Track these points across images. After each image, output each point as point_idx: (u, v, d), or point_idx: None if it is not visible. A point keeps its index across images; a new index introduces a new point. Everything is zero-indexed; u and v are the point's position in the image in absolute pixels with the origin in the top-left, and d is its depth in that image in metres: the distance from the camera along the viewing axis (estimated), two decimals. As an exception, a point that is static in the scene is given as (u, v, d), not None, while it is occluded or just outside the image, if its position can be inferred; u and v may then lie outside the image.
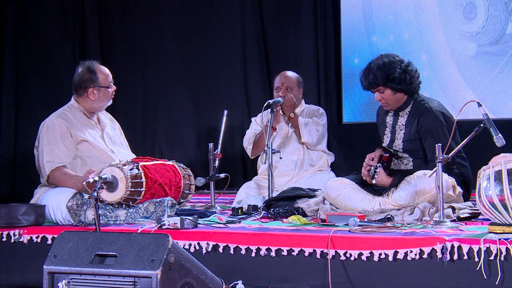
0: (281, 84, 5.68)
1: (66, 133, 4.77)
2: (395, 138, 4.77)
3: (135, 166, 4.50)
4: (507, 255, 3.35)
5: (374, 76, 4.64)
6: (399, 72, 4.62)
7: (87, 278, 3.35)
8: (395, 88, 4.64)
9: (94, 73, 4.88)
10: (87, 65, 4.91)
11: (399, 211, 4.33)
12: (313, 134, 5.61)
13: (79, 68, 4.93)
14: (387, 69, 4.62)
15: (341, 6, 7.15)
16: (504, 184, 3.54)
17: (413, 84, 4.66)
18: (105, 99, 4.94)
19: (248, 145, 5.76)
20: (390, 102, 4.70)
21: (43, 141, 4.75)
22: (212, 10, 7.50)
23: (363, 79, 4.72)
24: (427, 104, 4.66)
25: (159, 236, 3.32)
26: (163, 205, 4.53)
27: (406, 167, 4.74)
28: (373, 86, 4.67)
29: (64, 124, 4.79)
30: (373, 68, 4.65)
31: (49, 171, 4.69)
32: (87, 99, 4.90)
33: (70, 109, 4.92)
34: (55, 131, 4.76)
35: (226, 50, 7.48)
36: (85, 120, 4.92)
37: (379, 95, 4.69)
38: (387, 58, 4.67)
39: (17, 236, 4.42)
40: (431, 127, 4.59)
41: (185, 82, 7.51)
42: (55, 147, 4.73)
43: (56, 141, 4.73)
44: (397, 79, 4.61)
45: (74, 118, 4.87)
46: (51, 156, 4.71)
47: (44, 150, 4.73)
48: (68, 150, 4.75)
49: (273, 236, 3.89)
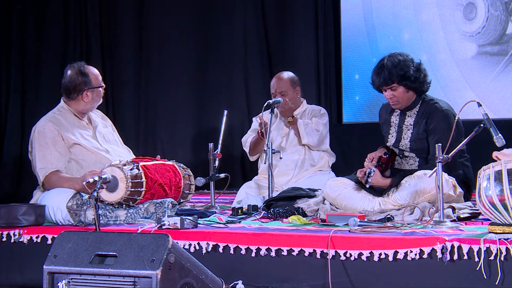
0: (274, 90, 5.66)
1: (57, 137, 4.74)
2: (402, 138, 4.75)
3: (135, 166, 4.50)
4: (507, 255, 3.35)
5: (390, 73, 4.60)
6: (414, 70, 4.61)
7: (87, 278, 3.35)
8: (409, 86, 4.62)
9: (86, 75, 4.85)
10: (77, 68, 4.86)
11: (399, 211, 4.33)
12: (313, 136, 5.59)
13: (68, 71, 4.88)
14: (403, 67, 4.60)
15: (341, 6, 7.15)
16: (504, 184, 3.53)
17: (425, 82, 4.66)
18: (98, 99, 4.93)
19: (245, 148, 5.78)
20: (401, 100, 4.67)
21: (35, 147, 4.74)
22: (213, 10, 7.50)
23: (375, 77, 4.67)
24: (437, 104, 4.66)
25: (159, 236, 3.32)
26: (163, 206, 4.53)
27: (411, 167, 4.73)
28: (388, 83, 4.62)
29: (54, 128, 4.75)
30: (388, 65, 4.62)
31: (43, 177, 4.68)
32: (80, 102, 4.87)
33: (61, 112, 4.89)
34: (46, 136, 4.73)
35: (226, 50, 7.48)
36: (76, 121, 4.90)
37: (390, 93, 4.65)
38: (401, 56, 4.65)
39: (17, 236, 4.42)
40: (439, 126, 4.58)
41: (185, 82, 7.51)
42: (47, 153, 4.70)
43: (48, 147, 4.71)
44: (412, 77, 4.60)
45: (65, 120, 4.85)
46: (44, 162, 4.69)
47: (37, 156, 4.71)
48: (60, 154, 4.72)
49: (273, 236, 3.89)
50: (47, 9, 7.14)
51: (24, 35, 6.95)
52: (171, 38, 7.51)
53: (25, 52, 6.94)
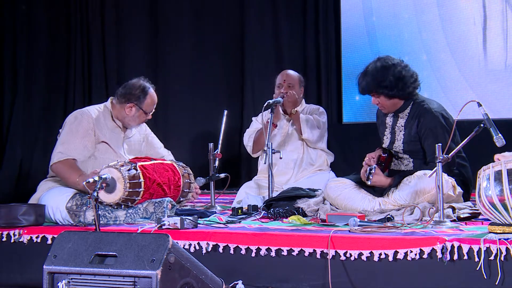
0: (283, 81, 5.70)
1: (90, 131, 4.76)
2: (395, 139, 4.77)
3: (133, 166, 4.49)
4: (507, 255, 3.35)
5: (367, 83, 4.65)
6: (391, 79, 4.60)
7: (87, 278, 3.35)
8: (388, 94, 4.64)
9: (145, 94, 4.89)
10: (143, 84, 4.91)
11: (399, 211, 4.33)
12: (314, 131, 5.61)
13: (136, 80, 4.93)
14: (379, 76, 4.61)
15: (341, 6, 7.15)
16: (504, 184, 3.54)
17: (407, 89, 4.63)
18: (138, 121, 4.94)
19: (248, 142, 5.76)
20: (386, 107, 4.72)
21: (65, 130, 4.76)
22: (212, 10, 7.49)
23: (358, 84, 4.74)
24: (426, 105, 4.65)
25: (159, 236, 3.32)
26: (162, 205, 4.53)
27: (407, 168, 4.74)
28: (367, 92, 4.69)
29: (92, 121, 4.78)
30: (368, 73, 4.66)
31: (57, 160, 4.67)
32: (122, 110, 4.89)
33: (103, 110, 4.92)
34: (80, 125, 4.76)
35: (226, 50, 7.48)
36: (111, 124, 4.91)
37: (375, 99, 4.71)
38: (380, 63, 4.65)
39: (17, 236, 4.42)
40: (431, 128, 4.59)
41: (185, 82, 7.51)
42: (72, 141, 4.71)
43: (77, 135, 4.72)
44: (388, 86, 4.60)
45: (103, 118, 4.88)
46: (65, 147, 4.70)
47: (61, 140, 4.73)
48: (85, 148, 4.73)
49: (273, 236, 3.89)
50: (53, 12, 7.14)
51: (30, 38, 6.95)
52: (171, 38, 7.51)
53: (31, 56, 6.95)
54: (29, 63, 6.95)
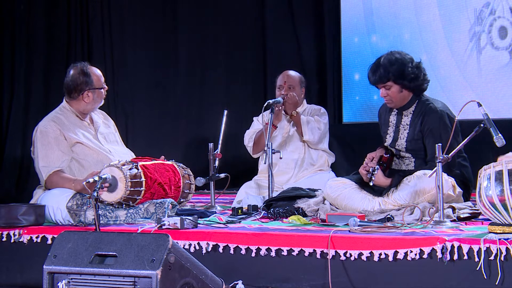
0: (283, 82, 5.69)
1: (60, 137, 4.75)
2: (398, 138, 4.75)
3: (134, 165, 4.50)
4: (507, 255, 3.35)
5: (385, 71, 4.58)
6: (411, 68, 4.59)
7: (87, 278, 3.35)
8: (405, 85, 4.60)
9: (88, 75, 4.85)
10: (80, 67, 4.87)
11: (399, 211, 4.33)
12: (314, 132, 5.61)
13: (70, 71, 4.89)
14: (400, 65, 4.59)
15: (341, 6, 7.15)
16: (504, 184, 3.53)
17: (424, 82, 4.64)
18: (99, 100, 4.92)
19: (249, 143, 5.76)
20: (394, 100, 4.67)
21: (38, 146, 4.74)
22: (212, 10, 7.50)
23: (370, 74, 4.66)
24: (432, 104, 4.64)
25: (159, 236, 3.32)
26: (163, 206, 4.53)
27: (408, 167, 4.73)
28: (383, 81, 4.61)
29: (57, 127, 4.76)
30: (384, 63, 4.60)
31: (46, 176, 4.68)
32: (81, 102, 4.87)
33: (62, 112, 4.89)
34: (49, 136, 4.74)
35: (226, 50, 7.48)
36: (78, 122, 4.89)
37: (384, 91, 4.65)
38: (399, 55, 4.64)
39: (17, 236, 4.42)
40: (434, 127, 4.58)
41: (185, 82, 7.51)
42: (50, 152, 4.71)
43: (51, 146, 4.72)
44: (409, 76, 4.58)
45: (66, 120, 4.85)
46: (46, 161, 4.70)
47: (39, 156, 4.72)
48: (63, 153, 4.73)
49: (273, 236, 3.88)
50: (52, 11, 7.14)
51: (29, 37, 6.95)
52: (171, 39, 7.51)
53: (30, 54, 6.94)
54: (29, 63, 6.94)
